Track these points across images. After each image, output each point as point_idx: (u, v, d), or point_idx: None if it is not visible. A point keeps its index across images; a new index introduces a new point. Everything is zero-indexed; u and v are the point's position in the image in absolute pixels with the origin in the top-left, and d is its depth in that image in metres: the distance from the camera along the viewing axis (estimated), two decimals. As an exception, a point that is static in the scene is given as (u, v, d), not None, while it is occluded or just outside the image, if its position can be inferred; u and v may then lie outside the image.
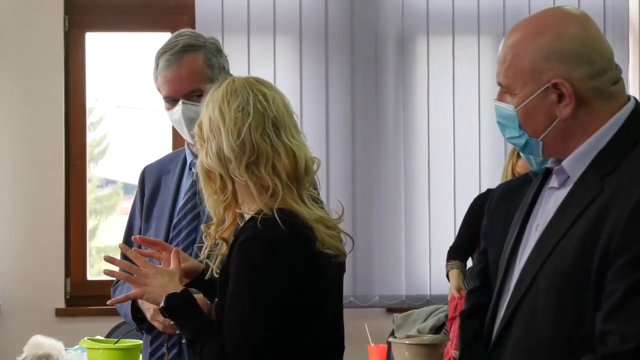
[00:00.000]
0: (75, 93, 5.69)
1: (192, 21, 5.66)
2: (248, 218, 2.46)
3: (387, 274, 5.74)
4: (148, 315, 2.90)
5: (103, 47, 5.95)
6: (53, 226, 5.59)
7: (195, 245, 2.87)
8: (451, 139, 5.80)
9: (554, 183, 2.26)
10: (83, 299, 5.63)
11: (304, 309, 2.44)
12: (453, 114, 5.79)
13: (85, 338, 3.34)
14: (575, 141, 2.20)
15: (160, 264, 2.68)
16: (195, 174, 2.76)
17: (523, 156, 2.61)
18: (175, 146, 5.38)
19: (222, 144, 2.46)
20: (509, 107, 2.23)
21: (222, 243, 2.51)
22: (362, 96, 5.74)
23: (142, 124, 6.45)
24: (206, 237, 2.55)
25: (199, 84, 2.98)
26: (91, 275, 5.86)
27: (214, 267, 2.54)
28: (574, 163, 2.20)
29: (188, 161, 3.11)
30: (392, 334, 5.29)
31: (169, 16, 5.75)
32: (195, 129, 2.55)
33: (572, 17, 2.21)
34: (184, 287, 2.55)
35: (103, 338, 3.57)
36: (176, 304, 2.51)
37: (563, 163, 2.22)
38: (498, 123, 2.29)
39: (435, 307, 5.51)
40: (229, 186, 2.49)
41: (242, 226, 2.45)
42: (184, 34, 3.09)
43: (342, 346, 2.59)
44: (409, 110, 5.77)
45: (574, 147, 2.20)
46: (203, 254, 2.58)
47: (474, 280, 2.80)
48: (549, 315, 2.14)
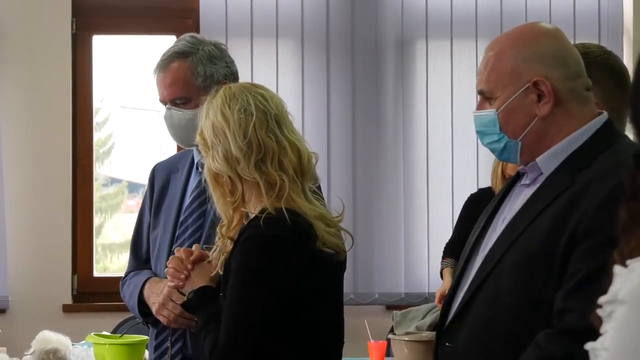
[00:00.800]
0: (82, 94, 5.64)
1: (197, 24, 5.62)
2: (252, 217, 2.50)
3: (387, 273, 5.71)
4: (153, 309, 2.97)
5: (109, 50, 5.92)
6: (60, 224, 5.54)
7: (201, 242, 2.90)
8: (449, 140, 5.78)
9: (526, 180, 2.35)
10: (89, 295, 5.59)
11: (304, 307, 2.47)
12: (451, 116, 5.76)
13: (91, 333, 3.37)
14: (549, 141, 2.29)
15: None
16: (202, 174, 2.76)
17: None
18: (179, 146, 5.41)
19: (229, 146, 2.49)
20: (490, 112, 2.33)
21: (228, 241, 2.55)
22: (363, 99, 5.71)
23: (147, 124, 6.45)
24: (219, 238, 2.59)
25: (181, 92, 3.02)
26: (97, 271, 5.84)
27: (219, 264, 2.59)
28: (548, 159, 2.29)
29: (195, 160, 3.13)
30: (392, 331, 5.28)
31: (174, 19, 5.73)
32: (197, 139, 2.58)
33: (547, 30, 2.36)
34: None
35: (109, 333, 3.59)
36: (194, 297, 2.62)
37: (537, 159, 2.30)
38: (477, 132, 2.40)
39: (433, 305, 5.51)
40: (239, 187, 2.51)
41: (246, 225, 2.49)
42: (182, 40, 3.11)
43: (342, 342, 2.63)
44: (409, 112, 5.75)
45: (549, 147, 2.29)
46: (212, 254, 2.64)
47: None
48: (512, 290, 2.19)
